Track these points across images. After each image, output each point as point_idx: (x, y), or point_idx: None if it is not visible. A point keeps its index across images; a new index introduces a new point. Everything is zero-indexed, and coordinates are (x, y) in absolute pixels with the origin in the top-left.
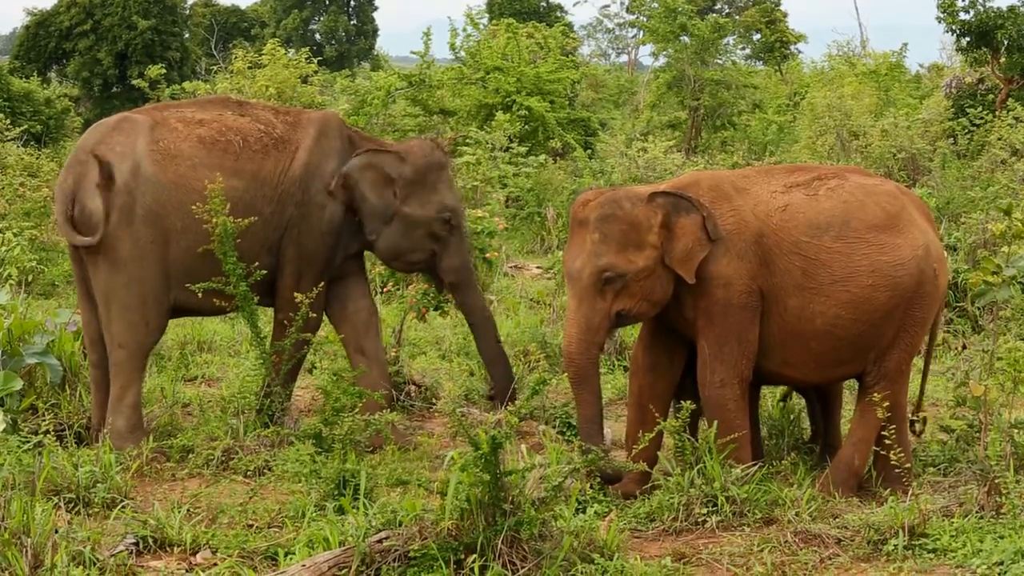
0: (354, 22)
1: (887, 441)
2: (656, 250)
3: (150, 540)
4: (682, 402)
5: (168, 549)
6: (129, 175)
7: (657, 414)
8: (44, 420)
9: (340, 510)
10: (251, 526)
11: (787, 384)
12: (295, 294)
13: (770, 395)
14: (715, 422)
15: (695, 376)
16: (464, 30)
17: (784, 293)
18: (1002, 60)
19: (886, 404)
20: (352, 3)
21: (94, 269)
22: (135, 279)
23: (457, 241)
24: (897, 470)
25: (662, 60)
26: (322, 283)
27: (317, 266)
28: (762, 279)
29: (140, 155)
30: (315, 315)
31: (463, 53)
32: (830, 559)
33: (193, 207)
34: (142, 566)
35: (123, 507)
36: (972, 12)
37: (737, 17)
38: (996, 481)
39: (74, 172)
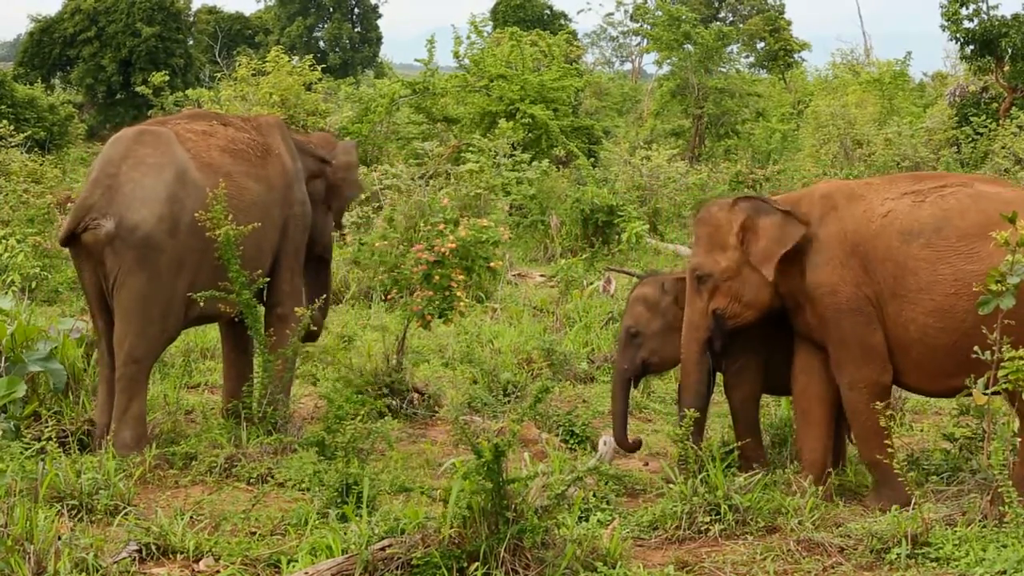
0: (358, 29)
1: (890, 449)
2: (737, 251)
3: (153, 547)
4: (685, 410)
5: (171, 556)
6: (175, 184)
7: (820, 415)
8: (47, 427)
9: (343, 518)
10: (254, 533)
11: (914, 392)
12: (296, 307)
13: (775, 402)
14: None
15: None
16: (468, 38)
17: (883, 300)
18: (1006, 68)
19: None
20: (356, 10)
21: (125, 280)
22: (168, 290)
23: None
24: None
25: (666, 68)
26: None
27: (302, 259)
28: (867, 286)
29: (183, 163)
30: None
31: (467, 61)
32: (833, 568)
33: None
34: (145, 573)
35: (126, 514)
36: (976, 20)
37: (741, 25)
38: (999, 490)
39: (102, 186)
